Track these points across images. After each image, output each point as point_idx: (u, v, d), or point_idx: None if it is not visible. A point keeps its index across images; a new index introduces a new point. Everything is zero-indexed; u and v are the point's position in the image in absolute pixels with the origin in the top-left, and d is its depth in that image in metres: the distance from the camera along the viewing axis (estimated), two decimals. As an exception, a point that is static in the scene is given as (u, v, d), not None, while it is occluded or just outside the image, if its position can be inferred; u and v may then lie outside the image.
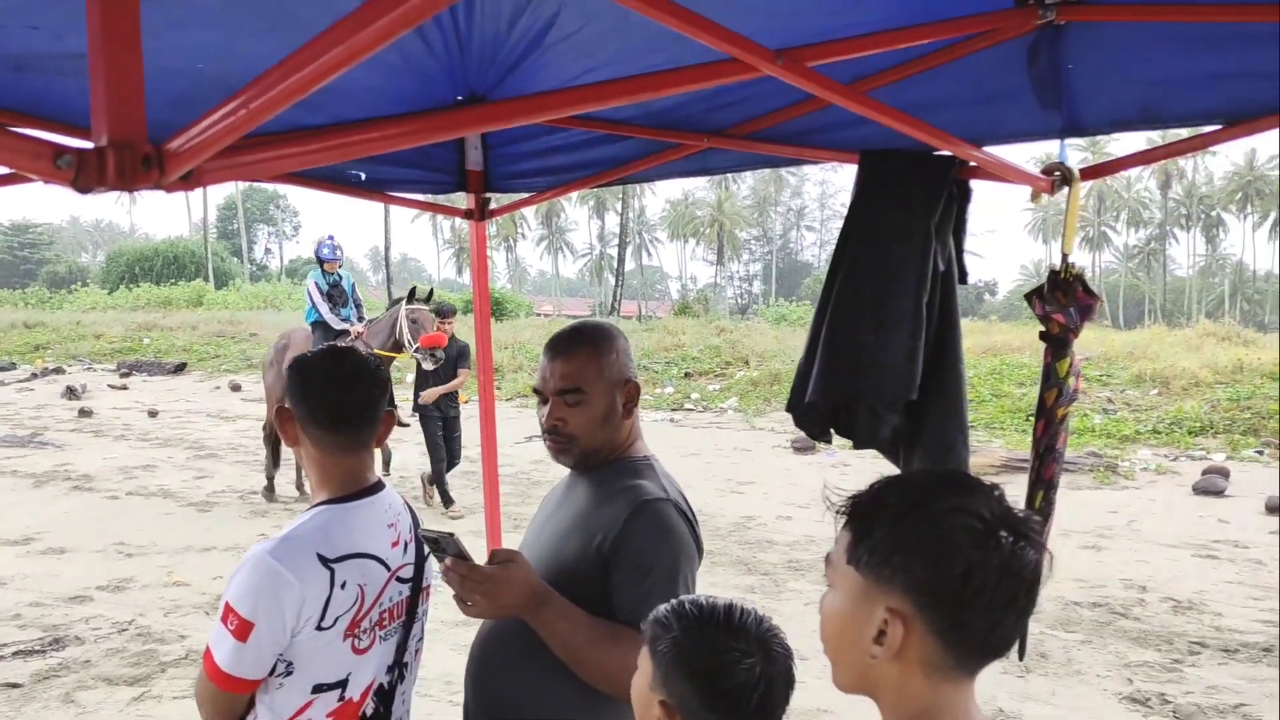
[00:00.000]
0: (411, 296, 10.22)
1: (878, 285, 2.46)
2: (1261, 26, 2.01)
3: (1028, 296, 2.36)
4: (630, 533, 1.88)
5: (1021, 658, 2.67)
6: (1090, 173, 2.46)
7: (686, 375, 21.93)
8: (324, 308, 10.41)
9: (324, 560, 1.87)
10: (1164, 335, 22.44)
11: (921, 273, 2.40)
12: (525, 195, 3.72)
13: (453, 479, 10.11)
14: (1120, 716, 5.13)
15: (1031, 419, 3.36)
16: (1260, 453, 13.67)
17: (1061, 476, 7.74)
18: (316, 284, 10.55)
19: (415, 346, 9.77)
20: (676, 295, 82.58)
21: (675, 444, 14.53)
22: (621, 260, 70.93)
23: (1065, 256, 2.32)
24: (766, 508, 10.49)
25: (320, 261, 10.73)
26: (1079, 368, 2.27)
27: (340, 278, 10.81)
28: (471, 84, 2.60)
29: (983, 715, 1.17)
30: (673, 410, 19.34)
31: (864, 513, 1.17)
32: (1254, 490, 11.15)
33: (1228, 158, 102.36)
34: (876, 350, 2.43)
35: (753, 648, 1.44)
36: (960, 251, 2.56)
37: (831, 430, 2.62)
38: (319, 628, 1.86)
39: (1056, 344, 2.30)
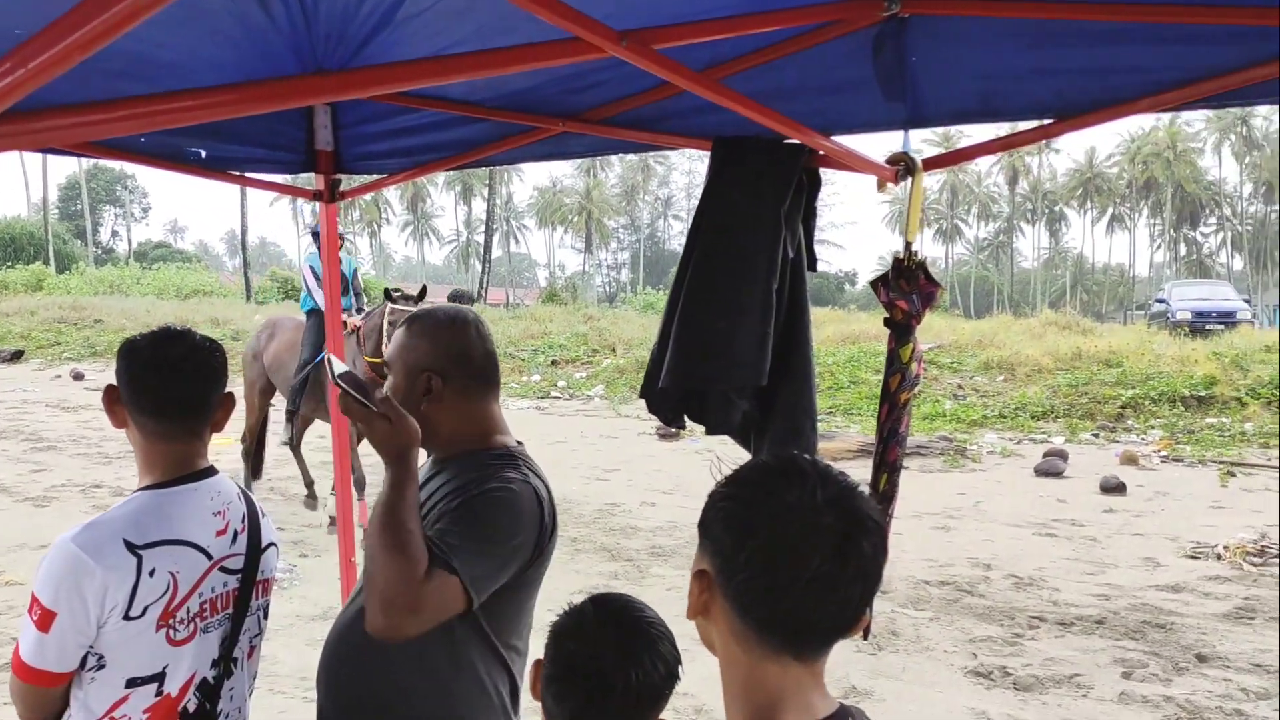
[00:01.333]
0: (388, 296, 8.68)
1: (729, 272, 2.47)
2: (1090, 25, 2.10)
3: (873, 284, 2.41)
4: (468, 498, 1.84)
5: (866, 638, 2.74)
6: (931, 163, 2.53)
7: (553, 363, 21.89)
8: (319, 295, 8.69)
9: (131, 546, 1.79)
10: (1010, 324, 23.43)
11: (772, 260, 2.43)
12: (378, 177, 3.62)
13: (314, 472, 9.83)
14: (965, 689, 5.32)
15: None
16: (1096, 435, 14.44)
17: (915, 460, 7.95)
18: (312, 267, 9.05)
19: None
20: (544, 283, 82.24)
21: (541, 432, 14.47)
22: (488, 247, 70.25)
23: (908, 245, 2.38)
24: (631, 494, 10.55)
25: (317, 238, 9.03)
26: (921, 353, 2.33)
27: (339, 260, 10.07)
28: (320, 60, 2.49)
29: (828, 701, 1.17)
30: (539, 398, 19.27)
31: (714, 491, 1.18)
32: (1090, 471, 11.77)
33: (1070, 155, 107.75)
34: (728, 337, 2.45)
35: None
36: (810, 239, 2.60)
37: (685, 416, 2.63)
38: (126, 617, 1.78)
39: (900, 330, 2.35)
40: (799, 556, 1.06)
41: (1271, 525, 9.06)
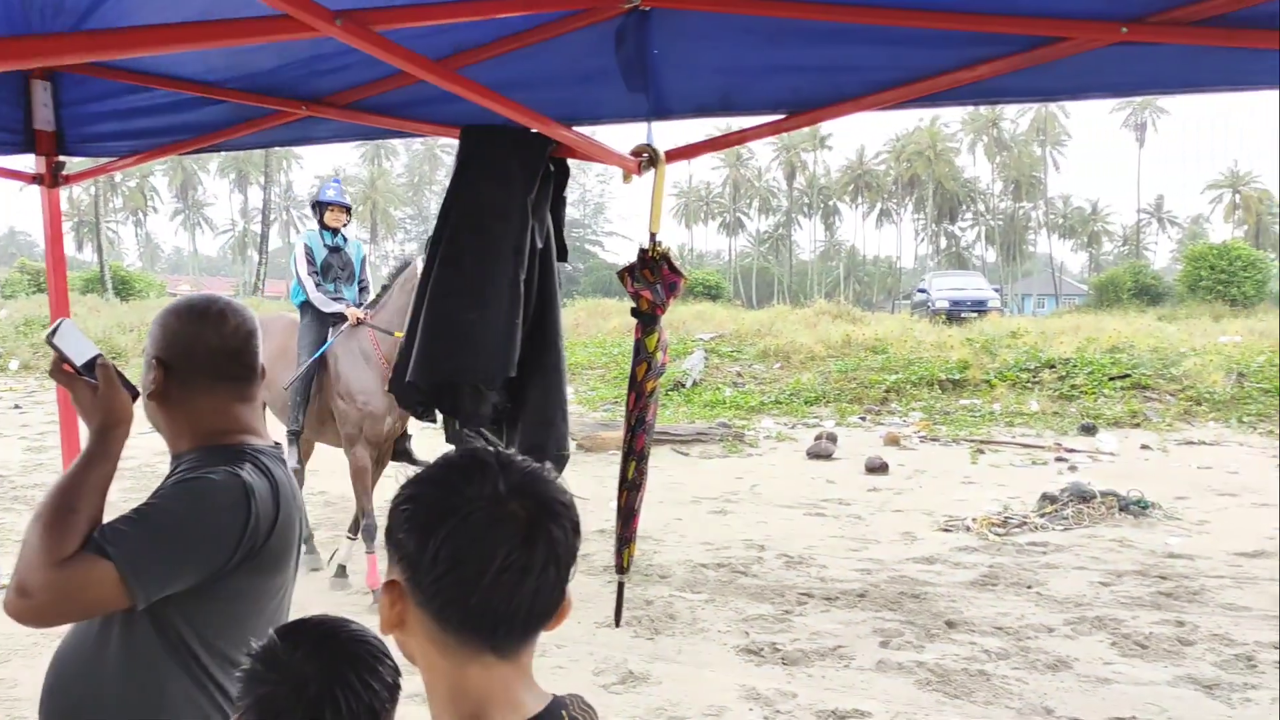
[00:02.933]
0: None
1: (478, 263, 2.44)
2: (817, 25, 2.18)
3: (620, 274, 2.43)
4: (160, 488, 1.71)
5: (618, 624, 2.78)
6: (675, 155, 2.57)
7: (334, 357, 21.17)
8: (310, 282, 7.10)
9: None
10: (787, 314, 24.44)
11: (520, 250, 2.42)
12: (107, 160, 3.37)
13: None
14: (737, 667, 5.49)
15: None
16: (863, 419, 15.26)
17: (696, 447, 8.10)
18: (308, 246, 7.28)
19: None
20: (328, 275, 79.38)
21: (319, 429, 13.95)
22: (265, 238, 67.16)
23: (653, 235, 2.41)
24: (393, 491, 10.39)
25: (320, 209, 7.31)
26: (667, 342, 2.37)
27: (344, 239, 7.38)
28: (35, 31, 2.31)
29: (538, 696, 1.15)
30: (319, 394, 18.61)
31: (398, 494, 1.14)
32: (857, 452, 12.43)
33: (842, 153, 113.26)
34: (477, 328, 2.42)
35: None
36: (560, 229, 2.60)
37: (436, 410, 2.59)
38: None
39: (646, 320, 2.39)
40: (486, 548, 1.04)
41: (1014, 497, 9.85)
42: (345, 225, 7.40)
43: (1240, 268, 40.31)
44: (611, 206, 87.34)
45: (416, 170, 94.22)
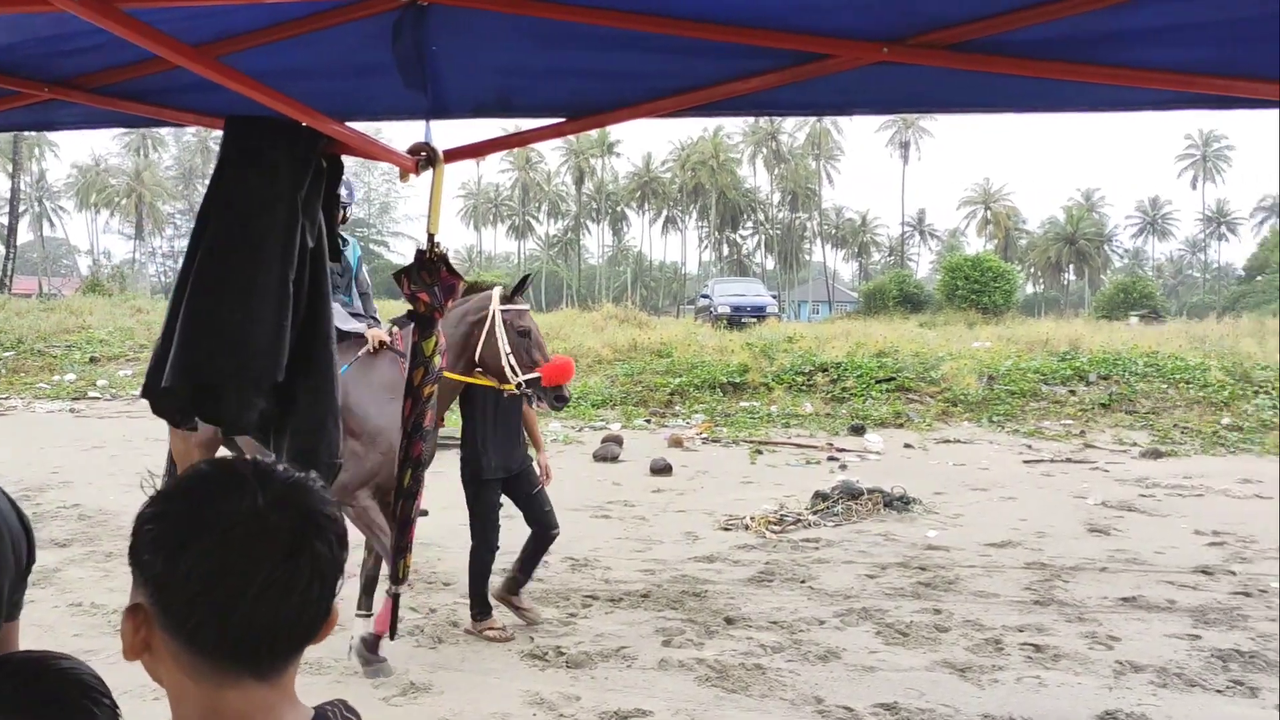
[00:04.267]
0: (474, 288, 5.85)
1: (243, 261, 2.30)
2: (597, 29, 2.18)
3: (396, 276, 2.36)
4: None
5: (393, 638, 2.70)
6: (454, 154, 2.52)
7: (93, 360, 19.70)
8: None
9: None
10: (576, 317, 24.62)
11: (288, 248, 2.30)
12: None
13: None
14: (522, 673, 5.45)
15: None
16: (649, 421, 15.53)
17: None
18: None
19: (529, 379, 5.50)
20: (87, 271, 73.79)
21: (75, 437, 12.97)
22: (13, 230, 61.70)
23: (431, 237, 2.35)
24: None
25: None
26: (444, 346, 2.31)
27: (346, 241, 5.92)
28: None
29: (300, 713, 1.09)
30: (74, 399, 17.25)
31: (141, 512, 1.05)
32: (642, 454, 12.63)
33: (629, 159, 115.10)
34: (243, 329, 2.28)
35: None
36: (333, 228, 2.49)
37: (196, 417, 2.42)
38: None
39: (423, 323, 2.32)
40: (246, 565, 0.98)
41: (790, 495, 10.26)
42: (345, 223, 5.76)
43: (991, 278, 43.57)
44: (399, 207, 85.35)
45: (187, 162, 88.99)
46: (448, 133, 2.54)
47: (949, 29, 1.99)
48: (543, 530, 6.18)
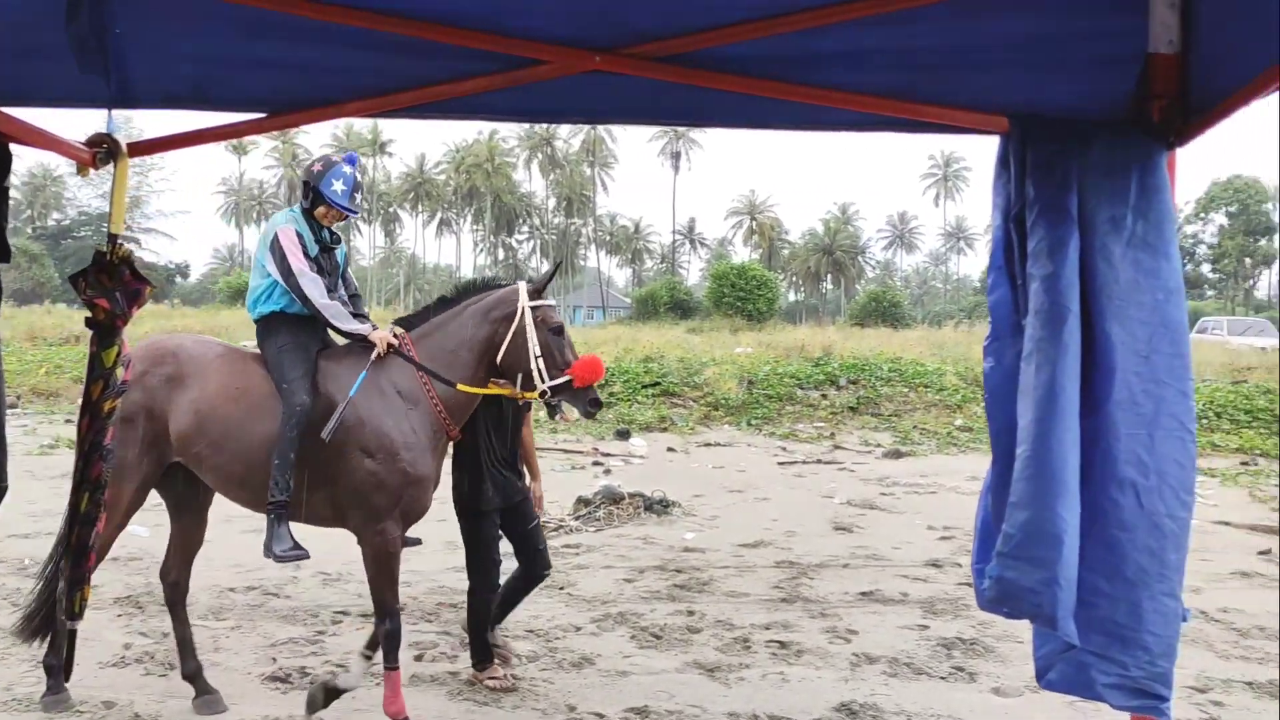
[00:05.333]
0: (485, 284, 5.03)
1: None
2: (302, 21, 2.06)
3: (72, 279, 2.14)
4: None
5: (67, 678, 2.45)
6: (140, 148, 2.33)
7: None
8: (312, 283, 4.74)
9: None
10: (341, 321, 23.77)
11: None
12: None
13: None
14: (262, 697, 5.16)
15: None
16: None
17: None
18: (300, 236, 4.82)
19: (558, 382, 4.70)
20: None
21: None
22: None
23: (113, 237, 2.15)
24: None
25: (314, 199, 4.86)
26: (129, 357, 2.12)
27: (338, 238, 5.15)
28: None
29: None
30: None
31: None
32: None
33: (402, 160, 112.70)
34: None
35: None
36: (3, 223, 2.24)
37: None
38: None
39: (103, 331, 2.12)
40: None
41: (554, 501, 10.23)
42: (347, 218, 5.04)
43: (755, 286, 45.46)
44: (152, 201, 79.96)
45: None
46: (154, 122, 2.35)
47: (658, 42, 2.00)
48: (535, 570, 5.51)
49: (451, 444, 4.98)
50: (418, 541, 5.23)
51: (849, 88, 2.07)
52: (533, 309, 4.70)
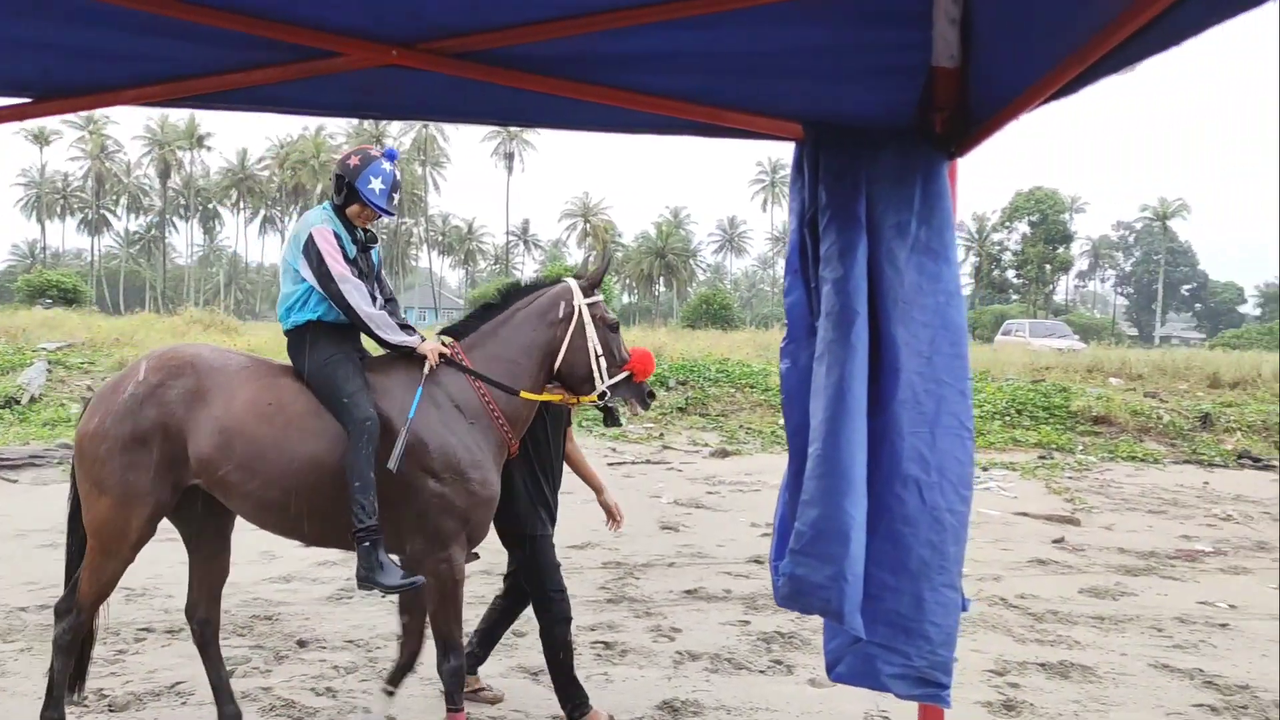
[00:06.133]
0: (523, 288, 4.72)
1: None
2: (80, 3, 1.92)
3: None
4: None
5: None
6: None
7: None
8: (358, 295, 4.28)
9: None
10: (154, 322, 22.66)
11: None
12: None
13: None
14: None
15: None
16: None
17: (29, 472, 6.80)
18: (338, 236, 4.32)
19: (616, 380, 4.50)
20: None
21: None
22: None
23: None
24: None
25: (348, 192, 4.36)
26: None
27: (375, 238, 4.67)
28: None
29: None
30: None
31: None
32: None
33: (222, 154, 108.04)
34: None
35: None
36: None
37: None
38: None
39: None
40: None
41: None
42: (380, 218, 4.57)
43: (590, 289, 45.51)
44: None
45: None
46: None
47: (459, 37, 1.96)
48: (524, 604, 5.10)
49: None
50: (476, 556, 4.72)
51: (654, 90, 2.08)
52: (588, 306, 4.46)
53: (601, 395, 4.43)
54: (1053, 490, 12.39)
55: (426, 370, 4.26)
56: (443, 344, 4.41)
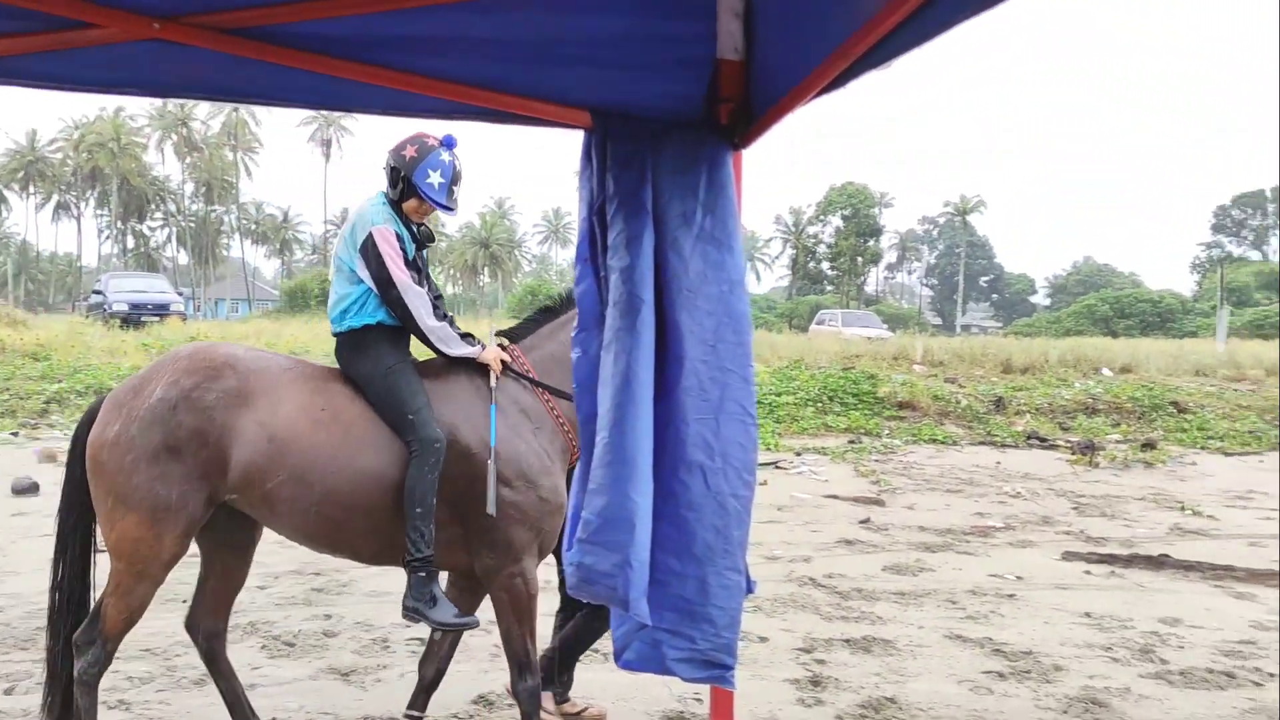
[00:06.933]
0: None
1: None
2: None
3: None
4: None
5: None
6: None
7: None
8: (421, 306, 3.94)
9: None
10: (-75, 315, 20.87)
11: None
12: None
13: None
14: None
15: None
16: (15, 434, 13.57)
17: None
18: (399, 238, 3.99)
19: None
20: None
21: None
22: None
23: None
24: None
25: (405, 190, 4.04)
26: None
27: (429, 232, 4.36)
28: None
29: None
30: None
31: None
32: (4, 473, 10.96)
33: (8, 134, 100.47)
34: None
35: None
36: None
37: None
38: None
39: None
40: None
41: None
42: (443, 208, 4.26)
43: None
44: None
45: None
46: None
47: (225, 12, 1.86)
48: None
49: None
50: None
51: (438, 74, 2.03)
52: None
53: None
54: (860, 473, 12.92)
55: (494, 383, 4.01)
56: (501, 347, 4.18)
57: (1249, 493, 12.36)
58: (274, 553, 8.05)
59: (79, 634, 4.01)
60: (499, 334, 4.33)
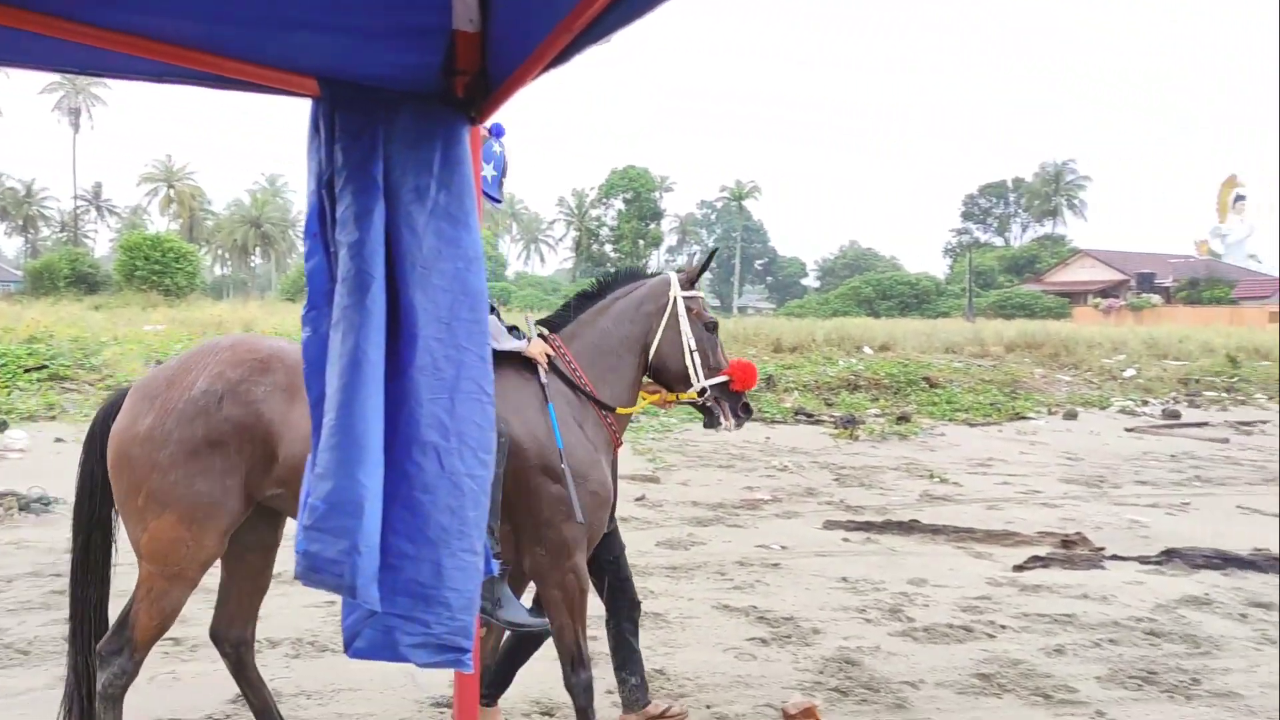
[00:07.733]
0: (621, 275, 4.51)
1: None
2: None
3: None
4: None
5: None
6: None
7: None
8: None
9: None
10: None
11: None
12: None
13: None
14: None
15: None
16: None
17: None
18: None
19: (716, 383, 4.28)
20: None
21: None
22: None
23: None
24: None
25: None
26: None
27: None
28: None
29: None
30: None
31: None
32: None
33: None
34: None
35: None
36: None
37: None
38: None
39: None
40: None
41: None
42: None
43: (173, 259, 42.25)
44: None
45: None
46: None
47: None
48: (631, 606, 4.49)
49: None
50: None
51: (146, 33, 1.87)
52: (685, 300, 4.31)
53: (701, 392, 4.26)
54: (638, 451, 13.17)
55: (544, 379, 3.98)
56: (547, 346, 4.14)
57: (989, 460, 13.42)
58: (9, 554, 7.43)
59: (103, 644, 3.71)
60: (539, 322, 4.35)
